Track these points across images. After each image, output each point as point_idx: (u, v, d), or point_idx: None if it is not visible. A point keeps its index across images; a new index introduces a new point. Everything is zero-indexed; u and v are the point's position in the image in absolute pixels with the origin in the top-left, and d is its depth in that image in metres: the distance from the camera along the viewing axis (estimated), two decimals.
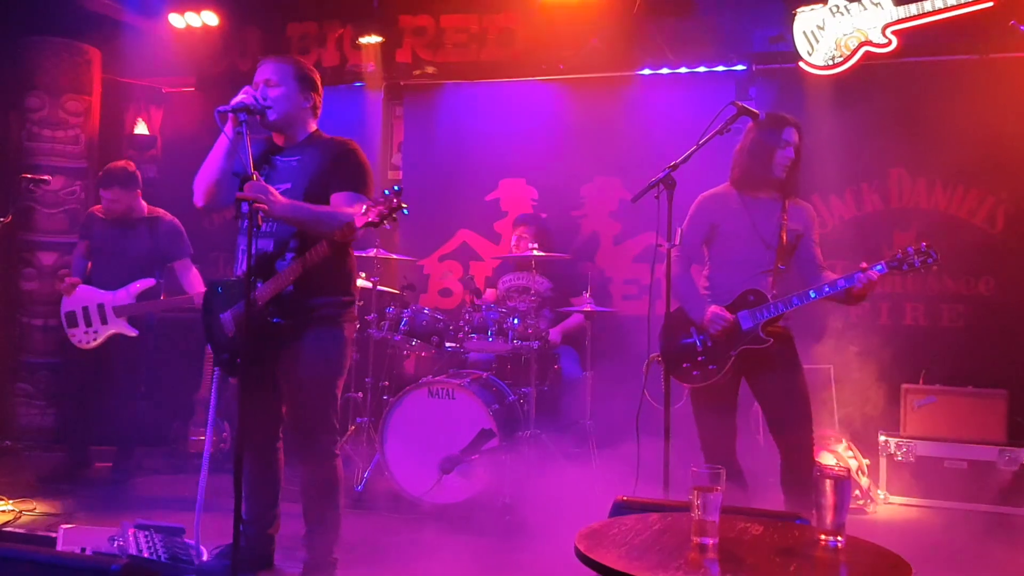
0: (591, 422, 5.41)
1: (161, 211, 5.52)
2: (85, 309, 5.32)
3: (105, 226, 5.45)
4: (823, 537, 2.11)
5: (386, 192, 3.14)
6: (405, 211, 3.13)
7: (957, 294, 5.66)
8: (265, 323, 3.35)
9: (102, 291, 5.32)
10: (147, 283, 5.33)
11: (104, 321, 5.30)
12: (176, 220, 5.52)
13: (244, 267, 3.36)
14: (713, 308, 3.80)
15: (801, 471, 3.69)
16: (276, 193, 3.30)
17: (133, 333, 5.30)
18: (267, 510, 3.66)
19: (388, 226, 3.15)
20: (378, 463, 5.06)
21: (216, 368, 3.58)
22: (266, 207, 3.20)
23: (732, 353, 3.77)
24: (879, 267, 3.64)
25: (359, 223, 3.14)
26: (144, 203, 5.51)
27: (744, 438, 4.02)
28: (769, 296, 3.75)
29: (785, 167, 3.87)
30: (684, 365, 3.87)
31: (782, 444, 3.80)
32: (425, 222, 6.75)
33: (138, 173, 5.44)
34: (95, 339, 5.31)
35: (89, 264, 5.48)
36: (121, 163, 5.47)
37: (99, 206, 5.50)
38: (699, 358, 3.84)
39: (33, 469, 5.61)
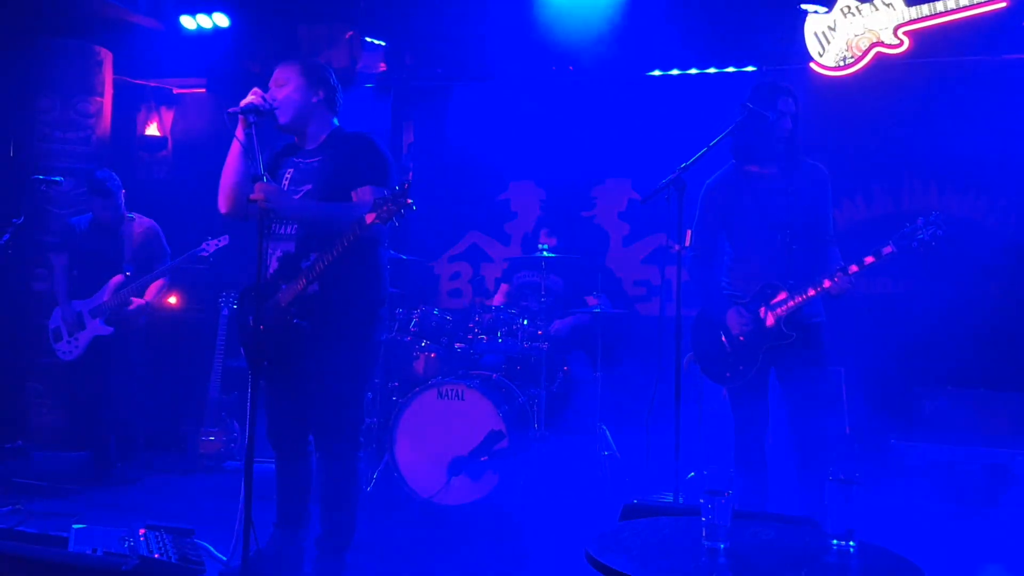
0: (602, 424, 5.39)
1: (137, 215, 5.60)
2: (68, 323, 5.46)
3: (85, 236, 5.53)
4: (835, 542, 2.10)
5: (395, 187, 3.10)
6: (413, 207, 3.08)
7: (969, 296, 5.62)
8: (288, 324, 3.31)
9: (79, 301, 5.45)
10: (117, 279, 5.41)
11: (82, 327, 5.42)
12: (154, 223, 5.62)
13: (271, 269, 3.37)
14: (734, 310, 3.77)
15: (815, 469, 3.67)
16: (285, 193, 3.29)
17: (108, 331, 5.36)
18: (296, 512, 3.60)
19: (396, 223, 3.11)
20: (387, 464, 5.06)
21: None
22: (276, 207, 3.19)
23: (760, 351, 3.75)
24: (889, 247, 3.58)
25: (368, 220, 3.10)
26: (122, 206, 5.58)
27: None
28: (785, 287, 3.72)
29: (782, 138, 3.80)
30: (716, 367, 3.88)
31: (800, 441, 3.78)
32: (435, 223, 6.75)
33: (95, 178, 5.47)
34: (77, 348, 5.43)
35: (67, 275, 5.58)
36: (99, 174, 5.51)
37: (79, 217, 5.64)
38: (729, 359, 3.82)
39: (46, 468, 5.64)
